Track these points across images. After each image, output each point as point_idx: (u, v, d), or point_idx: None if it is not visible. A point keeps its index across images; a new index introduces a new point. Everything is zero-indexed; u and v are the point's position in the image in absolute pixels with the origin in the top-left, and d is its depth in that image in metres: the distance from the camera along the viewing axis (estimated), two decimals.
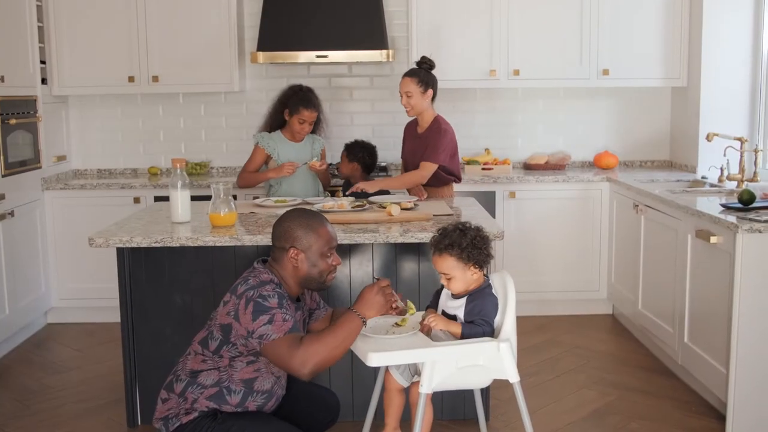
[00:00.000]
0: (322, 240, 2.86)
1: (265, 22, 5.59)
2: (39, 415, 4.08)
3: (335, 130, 6.04)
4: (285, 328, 2.67)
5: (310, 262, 2.85)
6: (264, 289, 2.73)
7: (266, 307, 2.69)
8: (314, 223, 2.88)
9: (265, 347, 2.68)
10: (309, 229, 2.85)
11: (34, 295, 5.32)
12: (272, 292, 2.73)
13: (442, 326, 2.85)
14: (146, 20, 5.61)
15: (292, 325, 2.69)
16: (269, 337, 2.66)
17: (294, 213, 2.94)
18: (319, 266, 2.86)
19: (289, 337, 2.67)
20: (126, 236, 3.55)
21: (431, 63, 4.66)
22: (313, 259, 2.85)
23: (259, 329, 2.67)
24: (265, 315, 2.68)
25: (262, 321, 2.67)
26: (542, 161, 5.90)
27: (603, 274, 5.57)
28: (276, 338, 2.66)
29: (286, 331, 2.67)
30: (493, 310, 2.88)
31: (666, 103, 6.05)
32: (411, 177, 4.58)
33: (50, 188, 5.50)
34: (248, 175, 4.75)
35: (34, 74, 5.39)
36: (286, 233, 2.86)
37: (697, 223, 4.02)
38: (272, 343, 2.66)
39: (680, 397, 4.21)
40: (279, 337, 2.66)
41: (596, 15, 5.62)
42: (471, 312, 2.86)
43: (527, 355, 4.86)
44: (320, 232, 2.87)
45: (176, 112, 6.09)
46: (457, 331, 2.83)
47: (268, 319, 2.68)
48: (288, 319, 2.70)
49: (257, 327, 2.68)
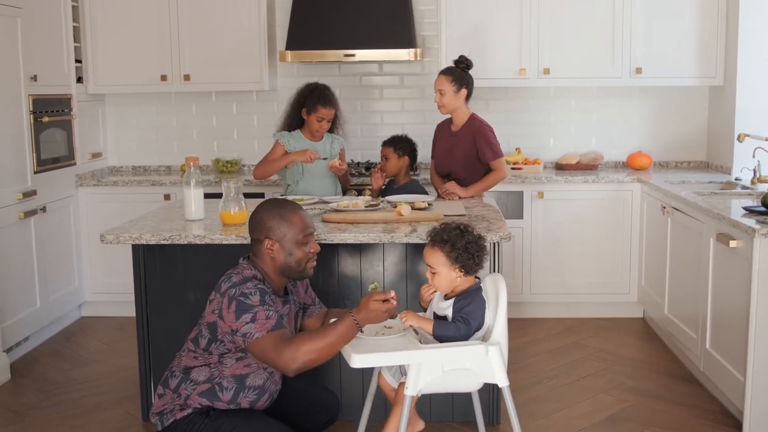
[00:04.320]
0: (295, 228, 2.86)
1: (294, 21, 5.63)
2: (58, 406, 4.19)
3: (365, 129, 6.08)
4: (268, 326, 2.68)
5: (286, 251, 2.85)
6: (245, 287, 2.74)
7: (248, 305, 2.71)
8: (286, 212, 2.88)
9: (250, 345, 2.70)
10: (281, 219, 2.86)
11: (66, 288, 5.46)
12: (254, 288, 2.74)
13: (414, 323, 2.83)
14: (178, 20, 5.70)
15: (275, 323, 2.70)
16: (253, 335, 2.68)
17: (266, 204, 2.95)
18: (295, 255, 2.86)
19: (273, 334, 2.68)
20: (136, 233, 3.61)
21: (468, 62, 4.63)
22: (288, 247, 2.85)
23: (243, 328, 2.69)
24: (248, 313, 2.69)
25: (244, 320, 2.69)
26: (574, 161, 5.81)
27: (633, 276, 5.46)
28: (259, 336, 2.67)
29: (269, 328, 2.68)
30: (477, 311, 2.84)
31: (703, 103, 5.90)
32: (494, 177, 4.61)
33: (84, 185, 5.63)
34: (267, 163, 4.66)
35: (69, 73, 5.52)
36: (259, 225, 2.88)
37: (718, 227, 3.91)
38: (256, 342, 2.68)
39: (700, 405, 4.10)
40: (262, 335, 2.67)
41: (629, 12, 5.50)
42: (457, 311, 2.84)
43: (549, 358, 4.80)
44: (293, 221, 2.87)
45: (209, 111, 6.18)
46: (429, 328, 2.81)
47: (251, 317, 2.69)
48: (271, 315, 2.71)
49: (240, 326, 2.69)
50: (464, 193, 4.56)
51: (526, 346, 5.01)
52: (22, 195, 4.85)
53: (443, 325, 2.83)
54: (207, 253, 3.79)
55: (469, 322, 2.81)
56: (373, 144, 5.09)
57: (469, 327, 2.82)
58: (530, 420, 3.94)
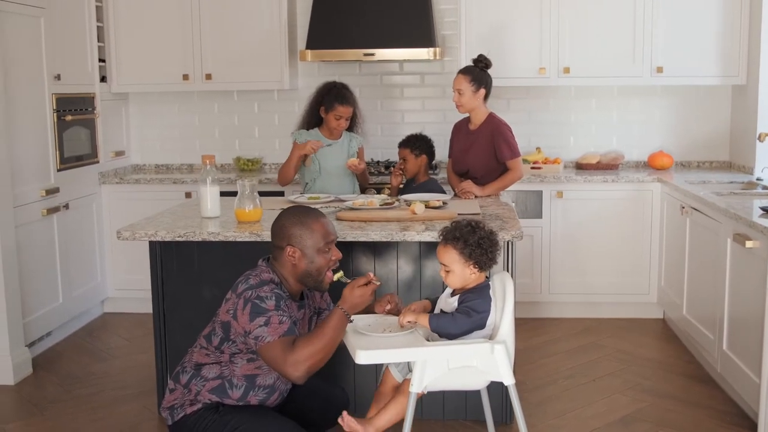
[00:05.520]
0: (317, 235, 2.88)
1: (314, 20, 5.66)
2: (77, 399, 4.26)
3: (386, 128, 6.11)
4: (280, 331, 2.70)
5: (308, 259, 2.87)
6: (262, 290, 2.76)
7: (263, 308, 2.73)
8: (308, 220, 2.90)
9: (261, 349, 2.72)
10: (303, 226, 2.88)
11: (89, 285, 5.54)
12: (270, 293, 2.76)
13: (411, 318, 2.84)
14: (200, 19, 5.76)
15: (287, 328, 2.72)
16: (264, 339, 2.70)
17: (289, 211, 2.97)
18: (317, 262, 2.88)
19: (283, 340, 2.69)
20: (152, 230, 3.66)
21: (487, 62, 4.62)
22: (310, 255, 2.87)
23: (256, 331, 2.71)
24: (262, 317, 2.71)
25: (258, 323, 2.71)
26: (594, 161, 5.78)
27: (653, 277, 5.42)
28: (271, 341, 2.69)
29: (281, 333, 2.70)
30: (481, 306, 2.83)
31: (725, 102, 5.84)
32: (511, 177, 4.61)
33: (107, 182, 5.71)
34: (284, 168, 4.74)
35: (93, 72, 5.60)
36: (281, 231, 2.90)
37: (735, 227, 3.88)
38: (267, 346, 2.70)
39: (717, 406, 4.06)
40: (274, 339, 2.69)
41: (650, 10, 5.46)
42: (461, 304, 2.85)
43: (565, 358, 4.78)
44: (315, 228, 2.88)
45: (231, 110, 6.23)
46: (424, 321, 2.82)
47: (265, 321, 2.71)
48: (284, 321, 2.72)
49: (254, 328, 2.72)
50: (481, 192, 4.56)
51: (543, 346, 5.00)
52: (45, 192, 4.93)
53: (439, 317, 2.84)
54: (223, 250, 3.82)
55: (469, 314, 2.80)
56: (394, 143, 5.09)
57: (470, 318, 2.80)
58: (543, 419, 3.94)
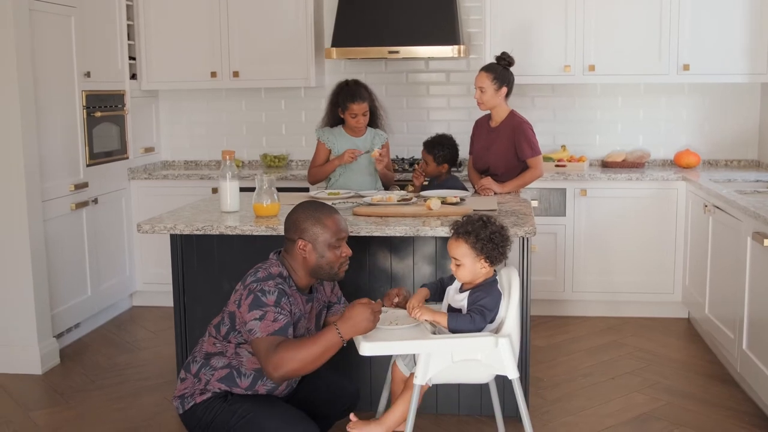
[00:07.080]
0: (329, 231, 2.92)
1: (340, 18, 5.71)
2: (102, 389, 4.36)
3: (411, 126, 6.14)
4: (271, 329, 2.74)
5: (319, 253, 2.91)
6: (267, 284, 2.81)
7: (263, 302, 2.77)
8: (321, 215, 2.94)
9: (251, 341, 2.78)
10: (316, 221, 2.92)
11: (117, 278, 5.65)
12: (274, 287, 2.80)
13: (428, 317, 2.86)
14: (228, 18, 5.84)
15: (280, 327, 2.75)
16: (255, 333, 2.74)
17: (303, 205, 3.01)
18: (327, 257, 2.92)
19: (270, 338, 2.72)
20: (171, 223, 3.73)
21: (510, 59, 4.61)
22: (320, 249, 2.91)
23: (250, 323, 2.76)
24: (259, 310, 2.76)
25: (254, 315, 2.76)
26: (620, 159, 5.75)
27: (678, 276, 5.38)
28: (259, 336, 2.73)
29: (270, 332, 2.73)
30: (492, 303, 2.85)
31: (754, 100, 5.77)
32: (531, 175, 4.60)
33: (136, 178, 5.82)
34: (315, 169, 4.85)
35: (123, 70, 5.71)
36: (294, 225, 2.94)
37: (754, 225, 3.84)
38: (256, 340, 2.75)
39: (736, 406, 4.03)
40: (262, 336, 2.73)
41: (676, 7, 5.41)
42: (472, 303, 2.86)
43: (585, 356, 4.77)
44: (327, 223, 2.92)
45: (258, 107, 6.31)
46: (444, 321, 2.83)
47: (260, 315, 2.75)
48: (279, 319, 2.76)
49: (249, 320, 2.77)
50: (500, 189, 4.56)
51: (564, 344, 4.99)
52: (74, 187, 5.04)
53: (458, 317, 2.85)
54: (242, 243, 3.88)
55: (484, 314, 2.83)
56: (419, 141, 5.10)
57: (485, 319, 2.83)
58: (558, 416, 3.94)
